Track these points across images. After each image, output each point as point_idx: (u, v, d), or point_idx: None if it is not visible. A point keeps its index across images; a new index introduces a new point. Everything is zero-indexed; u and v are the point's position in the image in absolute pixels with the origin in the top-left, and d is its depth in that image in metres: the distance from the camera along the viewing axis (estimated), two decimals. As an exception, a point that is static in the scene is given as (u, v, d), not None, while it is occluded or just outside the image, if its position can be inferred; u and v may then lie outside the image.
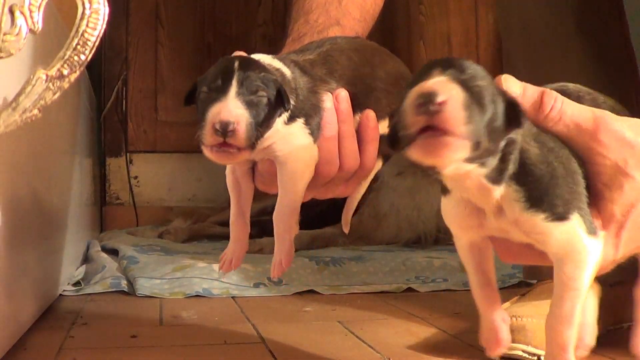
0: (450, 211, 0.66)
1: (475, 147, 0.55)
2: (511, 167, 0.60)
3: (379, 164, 0.83)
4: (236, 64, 0.72)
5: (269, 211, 0.83)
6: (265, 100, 0.71)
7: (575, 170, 0.63)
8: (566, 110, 0.64)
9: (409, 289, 1.47)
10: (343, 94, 0.79)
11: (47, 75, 0.56)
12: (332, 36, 0.87)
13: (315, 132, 0.77)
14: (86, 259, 1.72)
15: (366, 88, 0.81)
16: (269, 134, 0.74)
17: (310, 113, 0.77)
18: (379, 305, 1.30)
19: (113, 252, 1.78)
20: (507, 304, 0.97)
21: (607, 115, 0.64)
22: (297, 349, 0.97)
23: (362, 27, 0.98)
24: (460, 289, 1.50)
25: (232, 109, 0.69)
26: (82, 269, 1.58)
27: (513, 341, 0.89)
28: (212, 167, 3.05)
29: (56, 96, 0.56)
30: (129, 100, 2.63)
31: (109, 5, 0.57)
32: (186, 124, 2.62)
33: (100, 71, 2.58)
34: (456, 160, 0.56)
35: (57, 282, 1.28)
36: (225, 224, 2.44)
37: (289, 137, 0.75)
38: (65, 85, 0.56)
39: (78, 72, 0.56)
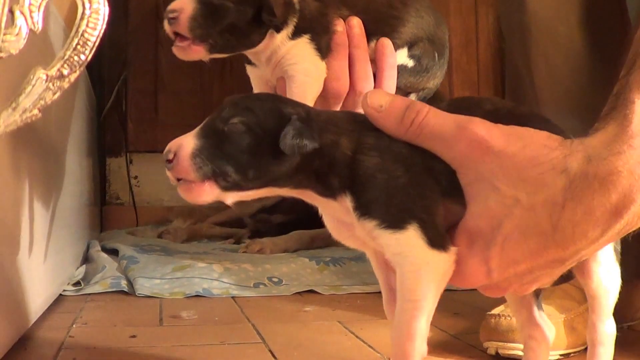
0: (329, 225, 0.67)
1: (226, 182, 0.60)
2: (336, 182, 0.61)
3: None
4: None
5: (268, 211, 0.82)
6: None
7: (424, 182, 0.61)
8: (428, 122, 0.61)
9: (409, 289, 1.47)
10: (355, 20, 0.82)
11: (47, 75, 0.56)
12: None
13: (323, 49, 0.82)
14: (86, 259, 1.72)
15: (381, 16, 0.85)
16: (272, 47, 0.81)
17: (317, 31, 0.82)
18: (379, 305, 1.29)
19: (113, 252, 1.78)
20: (505, 305, 0.97)
21: (474, 124, 0.60)
22: (297, 349, 0.97)
23: None
24: (460, 289, 1.50)
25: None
26: (82, 269, 1.58)
27: (513, 341, 0.89)
28: (212, 167, 3.00)
29: (56, 96, 0.56)
30: (129, 100, 2.63)
31: (109, 5, 0.57)
32: (186, 124, 2.62)
33: (100, 71, 2.58)
34: (214, 197, 0.61)
35: (57, 282, 1.28)
36: (225, 224, 2.44)
37: (294, 51, 0.81)
38: (65, 85, 0.56)
39: (78, 72, 0.56)
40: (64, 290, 1.38)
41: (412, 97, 0.89)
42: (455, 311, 1.25)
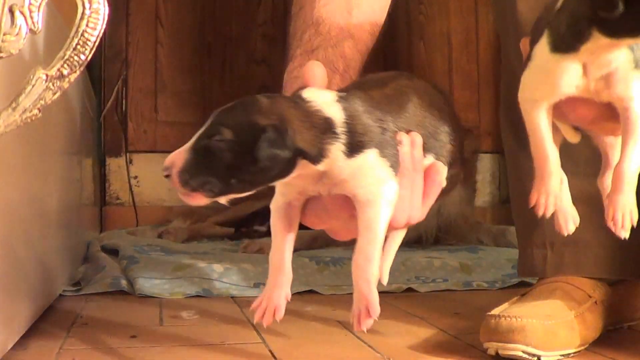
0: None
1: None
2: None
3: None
4: (227, 105, 0.70)
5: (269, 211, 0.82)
6: (223, 145, 0.67)
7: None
8: None
9: (409, 289, 1.47)
10: (419, 139, 0.72)
11: (47, 75, 0.56)
12: (399, 72, 0.81)
13: (395, 165, 0.70)
14: (86, 259, 1.72)
15: (435, 132, 0.76)
16: (320, 171, 0.70)
17: (383, 144, 0.70)
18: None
19: (113, 252, 1.78)
20: (505, 305, 0.97)
21: None
22: (297, 349, 0.97)
23: (372, 40, 0.94)
24: (460, 289, 1.50)
25: (173, 154, 0.69)
26: (82, 269, 1.58)
27: (513, 342, 0.89)
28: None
29: (56, 96, 0.56)
30: (129, 100, 2.62)
31: (109, 5, 0.57)
32: (186, 124, 2.62)
33: (100, 71, 2.58)
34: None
35: (57, 282, 1.28)
36: (225, 224, 2.44)
37: (364, 171, 0.69)
38: (65, 85, 0.56)
39: (78, 72, 0.56)
40: (64, 290, 1.38)
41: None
42: (455, 311, 1.25)
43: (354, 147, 0.69)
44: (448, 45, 2.74)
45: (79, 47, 0.56)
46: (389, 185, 0.70)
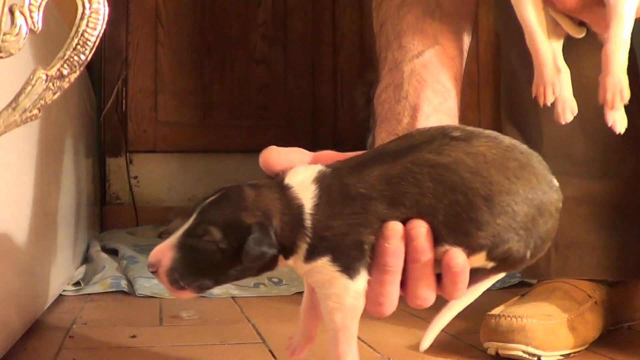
0: None
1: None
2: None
3: (485, 286, 0.72)
4: (209, 199, 0.67)
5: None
6: (212, 246, 0.64)
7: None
8: None
9: (409, 289, 1.47)
10: (422, 229, 0.63)
11: (47, 75, 0.56)
12: (457, 130, 0.67)
13: (353, 269, 0.65)
14: (86, 259, 1.72)
15: (452, 220, 0.64)
16: (289, 265, 0.67)
17: (344, 249, 0.64)
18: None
19: (113, 252, 1.78)
20: (505, 305, 0.97)
21: None
22: (297, 349, 0.97)
23: (463, 44, 0.89)
24: (460, 289, 1.50)
25: (160, 249, 0.67)
26: (82, 269, 1.58)
27: (513, 342, 0.89)
28: (212, 167, 3.04)
29: (56, 96, 0.56)
30: (129, 100, 2.63)
31: (109, 5, 0.57)
32: (186, 124, 2.63)
33: (100, 71, 2.58)
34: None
35: (57, 282, 1.28)
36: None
37: (314, 277, 0.66)
38: (65, 85, 0.56)
39: (78, 72, 0.56)
40: (64, 290, 1.38)
41: None
42: (455, 311, 1.25)
43: (312, 252, 0.65)
44: (448, 45, 2.74)
45: (79, 47, 0.56)
46: (341, 287, 0.65)
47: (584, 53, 0.90)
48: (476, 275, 0.69)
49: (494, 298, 1.21)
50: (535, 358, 0.90)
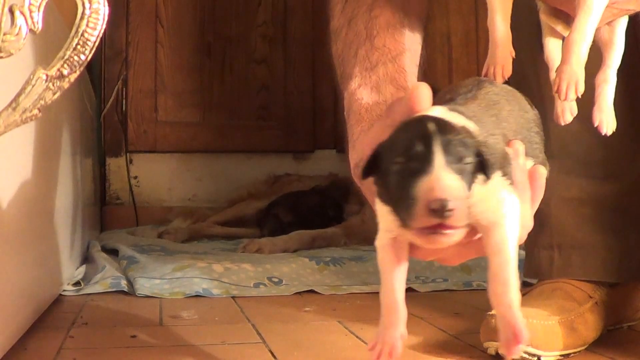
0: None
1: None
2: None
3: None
4: (431, 126, 0.61)
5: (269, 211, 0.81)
6: (470, 167, 0.60)
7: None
8: None
9: (409, 289, 1.47)
10: (521, 147, 0.68)
11: (47, 75, 0.56)
12: (478, 79, 0.75)
13: (513, 181, 0.65)
14: (86, 259, 1.72)
15: (529, 135, 0.72)
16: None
17: (504, 163, 0.65)
18: (379, 305, 1.30)
19: (113, 252, 1.78)
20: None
21: None
22: (297, 349, 0.97)
23: (421, 52, 0.90)
24: (460, 289, 1.50)
25: (449, 183, 0.58)
26: (82, 269, 1.58)
27: (513, 341, 0.89)
28: (212, 167, 3.04)
29: (56, 96, 0.56)
30: (129, 100, 2.62)
31: (109, 5, 0.57)
32: (186, 124, 2.63)
33: (100, 71, 2.58)
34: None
35: (57, 282, 1.28)
36: (225, 224, 2.44)
37: (489, 196, 0.63)
38: (65, 85, 0.56)
39: (78, 72, 0.56)
40: (64, 290, 1.38)
41: None
42: (455, 311, 1.25)
43: (481, 168, 0.62)
44: (448, 45, 2.74)
45: (79, 47, 0.56)
46: (511, 204, 0.64)
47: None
48: None
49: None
50: (535, 358, 0.90)
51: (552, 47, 0.82)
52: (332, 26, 0.91)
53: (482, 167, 0.61)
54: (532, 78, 1.01)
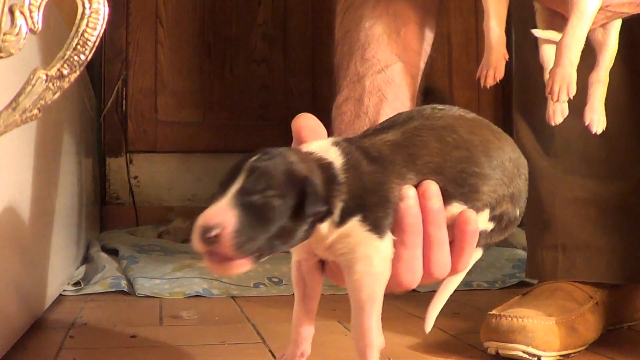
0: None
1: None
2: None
3: (477, 255, 0.72)
4: (255, 157, 0.62)
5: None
6: (276, 201, 0.59)
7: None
8: None
9: (409, 289, 1.47)
10: (433, 187, 0.64)
11: (47, 75, 0.56)
12: (430, 106, 0.71)
13: (381, 229, 0.63)
14: (86, 259, 1.72)
15: (460, 175, 0.67)
16: (317, 238, 0.63)
17: (372, 208, 0.63)
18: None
19: (113, 252, 1.78)
20: (506, 305, 0.97)
21: None
22: (297, 349, 0.97)
23: (422, 60, 0.89)
24: (460, 289, 1.49)
25: (218, 211, 0.58)
26: (82, 269, 1.58)
27: (514, 341, 0.89)
28: (212, 167, 3.03)
29: (56, 96, 0.56)
30: (129, 100, 2.63)
31: (109, 5, 0.57)
32: (186, 124, 2.63)
33: (100, 71, 2.58)
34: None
35: (57, 282, 1.28)
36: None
37: (347, 238, 0.63)
38: (65, 85, 0.56)
39: (78, 72, 0.56)
40: (64, 290, 1.38)
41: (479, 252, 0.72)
42: (455, 311, 1.25)
43: (345, 212, 0.62)
44: (448, 45, 2.74)
45: (79, 47, 0.56)
46: (372, 249, 0.63)
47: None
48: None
49: (494, 298, 1.21)
50: (536, 358, 0.90)
51: (547, 48, 0.82)
52: (335, 39, 0.91)
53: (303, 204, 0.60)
54: (536, 71, 1.01)
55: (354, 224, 0.63)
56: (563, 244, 1.06)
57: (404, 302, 1.33)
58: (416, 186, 0.65)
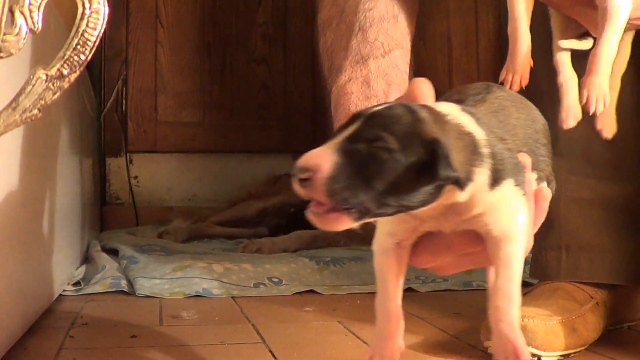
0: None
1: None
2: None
3: None
4: (374, 109, 0.57)
5: (269, 211, 0.81)
6: (384, 153, 0.54)
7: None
8: None
9: (409, 289, 1.47)
10: (528, 160, 0.63)
11: (47, 75, 0.56)
12: (488, 83, 0.69)
13: (525, 193, 0.62)
14: (86, 259, 1.72)
15: (534, 147, 0.67)
16: (455, 201, 0.58)
17: (515, 172, 0.61)
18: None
19: (113, 252, 1.78)
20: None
21: None
22: (297, 349, 0.97)
23: (411, 49, 0.89)
24: (460, 289, 1.50)
25: (318, 153, 0.54)
26: (82, 269, 1.58)
27: (513, 341, 0.89)
28: (212, 167, 3.03)
29: (56, 96, 0.56)
30: (129, 100, 2.63)
31: (109, 5, 0.57)
32: (186, 123, 2.63)
33: (100, 71, 2.58)
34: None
35: (57, 282, 1.28)
36: (225, 223, 2.44)
37: (501, 205, 0.60)
38: (65, 85, 0.56)
39: (78, 72, 0.56)
40: (64, 290, 1.38)
41: None
42: (456, 311, 1.25)
43: (496, 176, 0.59)
44: (448, 45, 2.74)
45: (79, 47, 0.56)
46: (523, 217, 0.61)
47: None
48: None
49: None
50: (536, 358, 0.90)
51: (562, 54, 0.83)
52: (321, 17, 0.90)
53: (433, 163, 0.55)
54: (543, 80, 1.01)
55: (511, 188, 0.60)
56: (567, 245, 1.05)
57: (404, 302, 1.33)
58: None
